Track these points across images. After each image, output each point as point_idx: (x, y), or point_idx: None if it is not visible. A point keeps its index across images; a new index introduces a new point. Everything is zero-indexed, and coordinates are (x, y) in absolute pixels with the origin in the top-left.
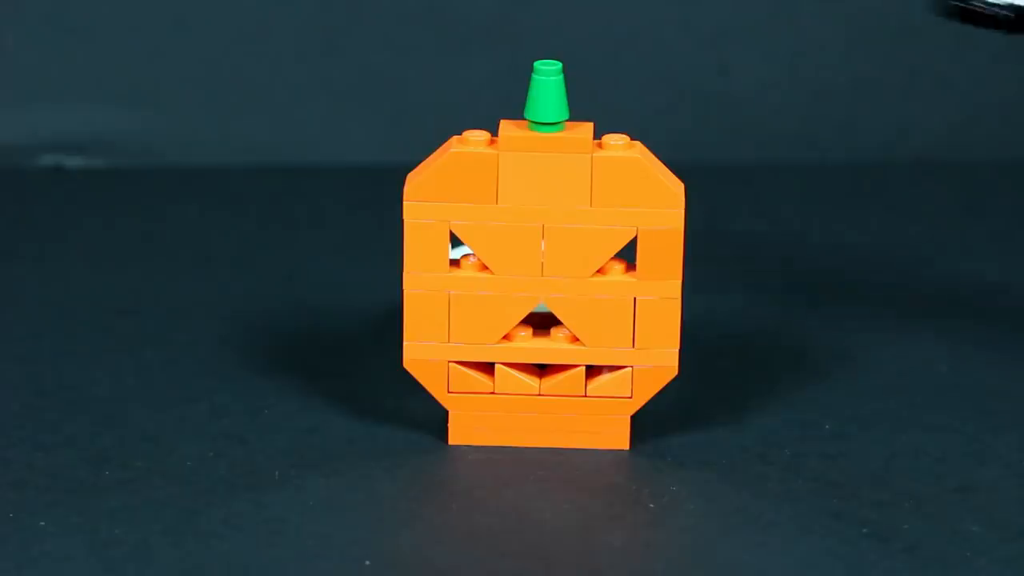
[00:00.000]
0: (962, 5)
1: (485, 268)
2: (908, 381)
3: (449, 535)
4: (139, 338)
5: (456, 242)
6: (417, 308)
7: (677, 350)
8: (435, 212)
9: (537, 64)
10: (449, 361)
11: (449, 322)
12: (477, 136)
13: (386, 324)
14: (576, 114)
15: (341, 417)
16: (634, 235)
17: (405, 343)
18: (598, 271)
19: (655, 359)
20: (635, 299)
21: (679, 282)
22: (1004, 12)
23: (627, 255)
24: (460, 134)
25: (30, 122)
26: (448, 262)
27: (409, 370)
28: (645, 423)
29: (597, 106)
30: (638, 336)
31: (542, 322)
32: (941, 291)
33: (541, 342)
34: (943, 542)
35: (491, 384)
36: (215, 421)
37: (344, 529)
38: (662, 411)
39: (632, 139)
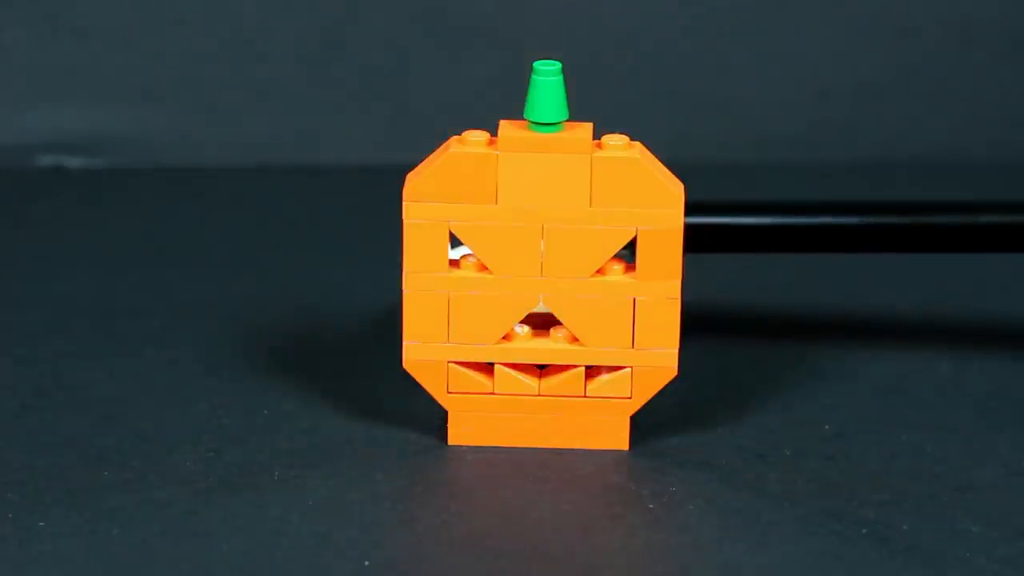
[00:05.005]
0: None
1: (484, 268)
2: (908, 381)
3: (448, 535)
4: (139, 338)
5: (456, 242)
6: (417, 308)
7: (677, 350)
8: (435, 212)
9: (537, 64)
10: (448, 361)
11: (448, 322)
12: (477, 136)
13: (386, 324)
14: (576, 114)
15: (341, 417)
16: (633, 235)
17: (404, 343)
18: (597, 271)
19: (655, 359)
20: (635, 299)
21: (679, 282)
22: None
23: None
24: (460, 134)
25: (30, 122)
26: (448, 262)
27: (409, 370)
28: (645, 423)
29: (597, 106)
30: (638, 336)
31: (542, 322)
32: (942, 291)
33: (540, 342)
34: (943, 542)
35: (490, 384)
36: (215, 421)
37: (344, 529)
38: (662, 411)
39: (632, 139)
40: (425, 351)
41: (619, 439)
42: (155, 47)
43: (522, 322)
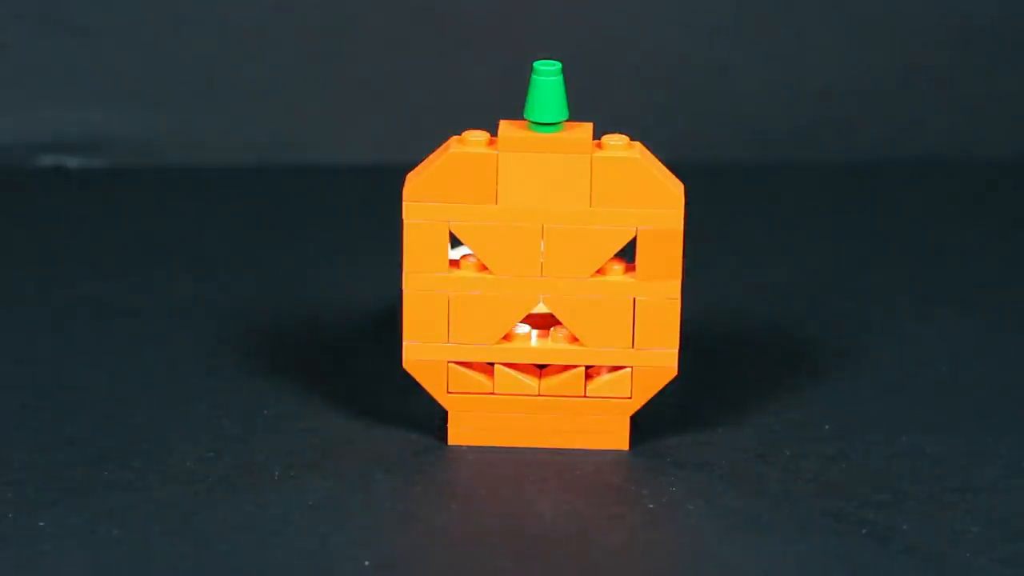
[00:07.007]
0: None
1: (484, 268)
2: (908, 381)
3: (448, 535)
4: (139, 338)
5: (456, 242)
6: (417, 308)
7: (676, 350)
8: (435, 212)
9: (537, 64)
10: (448, 361)
11: (449, 322)
12: (477, 136)
13: (386, 324)
14: (576, 114)
15: (341, 417)
16: (633, 235)
17: (405, 343)
18: (597, 271)
19: (654, 359)
20: (635, 299)
21: (679, 282)
22: None
23: (627, 255)
24: (460, 134)
25: (30, 122)
26: (448, 262)
27: (409, 370)
28: (645, 423)
29: (597, 106)
30: (638, 336)
31: (542, 322)
32: (941, 291)
33: (540, 342)
34: (943, 542)
35: (490, 384)
36: (215, 421)
37: (344, 529)
38: (662, 411)
39: (632, 139)
40: (425, 351)
41: (619, 439)
42: (155, 47)
43: (522, 322)
